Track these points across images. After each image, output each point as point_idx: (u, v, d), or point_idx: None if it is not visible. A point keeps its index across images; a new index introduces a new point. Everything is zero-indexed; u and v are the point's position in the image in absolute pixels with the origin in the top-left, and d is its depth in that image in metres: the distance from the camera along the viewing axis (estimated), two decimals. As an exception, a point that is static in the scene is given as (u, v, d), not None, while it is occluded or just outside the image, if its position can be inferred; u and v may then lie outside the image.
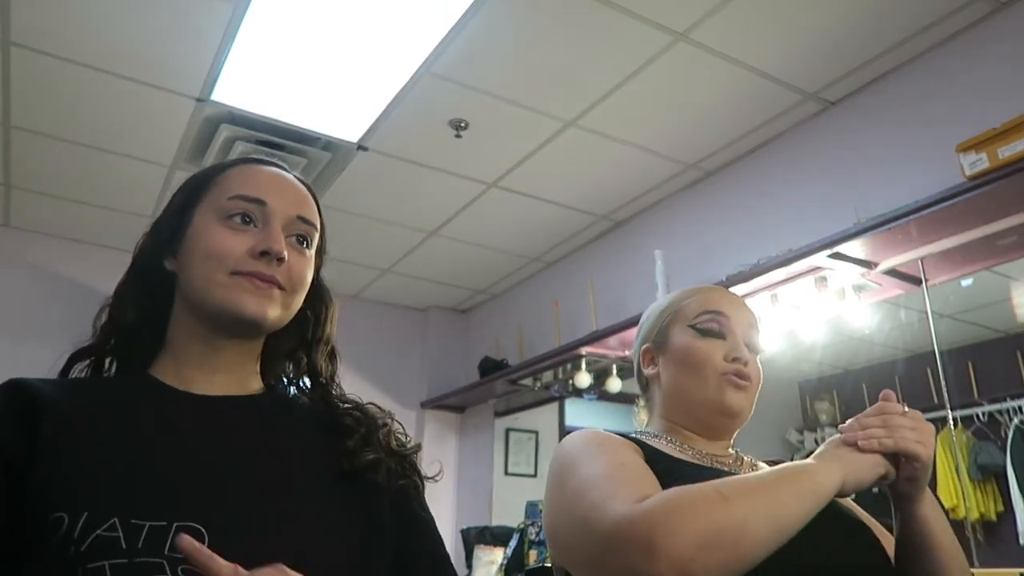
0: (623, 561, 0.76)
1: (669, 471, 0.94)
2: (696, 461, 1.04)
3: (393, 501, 0.84)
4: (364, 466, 0.82)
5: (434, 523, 0.89)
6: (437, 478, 0.93)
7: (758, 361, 1.13)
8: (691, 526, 0.75)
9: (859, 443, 0.88)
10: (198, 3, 2.20)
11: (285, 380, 0.95)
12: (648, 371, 1.16)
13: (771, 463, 1.13)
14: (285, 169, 0.92)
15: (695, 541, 0.74)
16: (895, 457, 0.89)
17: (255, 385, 0.89)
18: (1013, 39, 2.18)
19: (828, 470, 0.85)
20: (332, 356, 0.94)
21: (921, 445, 0.88)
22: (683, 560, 0.73)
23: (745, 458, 1.10)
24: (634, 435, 1.08)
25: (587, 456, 0.93)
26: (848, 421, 0.93)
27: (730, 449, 1.12)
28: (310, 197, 0.91)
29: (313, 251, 0.90)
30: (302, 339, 0.93)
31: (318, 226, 0.90)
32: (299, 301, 0.87)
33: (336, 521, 0.77)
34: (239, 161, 0.91)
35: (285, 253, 0.82)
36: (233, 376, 0.86)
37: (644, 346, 1.18)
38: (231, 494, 0.72)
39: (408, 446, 0.90)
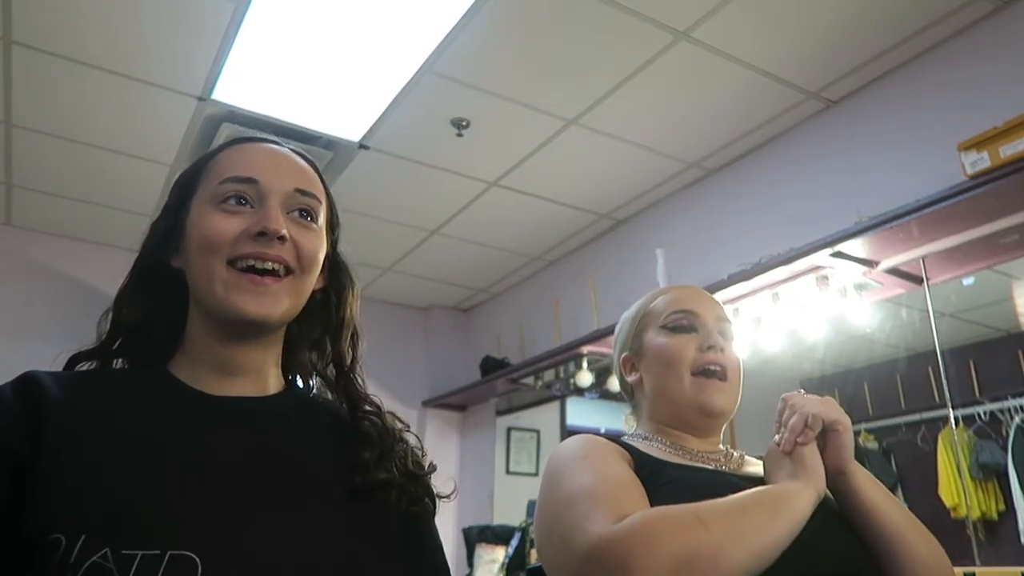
0: None
1: (656, 474, 0.95)
2: (683, 461, 1.04)
3: (404, 526, 0.81)
4: (376, 484, 0.79)
5: (443, 550, 0.87)
6: (451, 497, 0.89)
7: (734, 350, 1.13)
8: (667, 549, 0.75)
9: (798, 441, 0.92)
10: (199, 2, 2.21)
11: (309, 370, 0.91)
12: (630, 378, 1.17)
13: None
14: (278, 143, 0.87)
15: (671, 564, 0.74)
16: (821, 437, 0.94)
17: (275, 385, 0.85)
18: (1015, 37, 2.18)
19: (803, 492, 0.87)
20: (355, 339, 0.91)
21: (830, 409, 0.94)
22: None
23: (735, 454, 1.10)
24: (624, 439, 1.09)
25: (572, 470, 0.93)
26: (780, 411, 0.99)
27: (720, 446, 1.12)
28: (309, 169, 0.86)
29: (322, 225, 0.85)
30: (327, 325, 0.89)
31: (322, 198, 0.85)
32: (311, 282, 0.83)
33: (348, 541, 0.74)
34: (228, 144, 0.87)
35: (284, 231, 0.78)
36: (251, 377, 0.83)
37: (623, 355, 1.19)
38: (235, 510, 0.69)
39: (424, 467, 0.87)
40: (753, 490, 0.88)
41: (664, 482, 0.93)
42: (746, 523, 0.80)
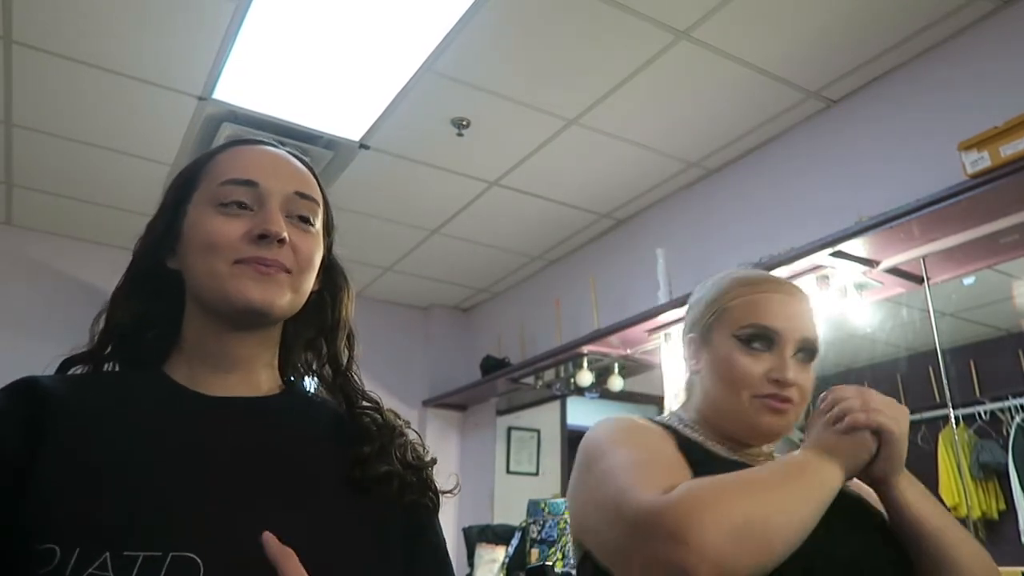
0: (651, 549, 0.76)
1: (703, 462, 0.93)
2: (731, 456, 1.02)
3: (405, 520, 0.81)
4: (376, 478, 0.79)
5: (445, 547, 0.87)
6: (455, 492, 0.88)
7: (811, 370, 1.04)
8: (720, 517, 0.75)
9: (836, 427, 0.90)
10: (199, 2, 2.21)
11: (304, 371, 0.91)
12: (691, 363, 1.11)
13: None
14: (276, 146, 0.87)
15: (727, 532, 0.74)
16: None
17: (272, 383, 0.85)
18: (1015, 37, 2.18)
19: (830, 469, 0.86)
20: (350, 340, 0.91)
21: (895, 422, 0.89)
22: (714, 551, 0.73)
23: (776, 456, 1.07)
24: (667, 421, 1.07)
25: (616, 442, 0.93)
26: (826, 396, 0.94)
27: (764, 448, 1.08)
28: (307, 171, 0.87)
29: (319, 228, 0.85)
30: (322, 326, 0.89)
31: (320, 201, 0.86)
32: (309, 283, 0.83)
33: (347, 540, 0.74)
34: (227, 145, 0.87)
35: (285, 234, 0.78)
36: (248, 375, 0.83)
37: (690, 335, 1.11)
38: (236, 510, 0.69)
39: (425, 459, 0.86)
40: (780, 462, 0.88)
41: (710, 471, 0.88)
42: (787, 494, 0.80)
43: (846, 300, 2.45)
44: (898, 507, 0.92)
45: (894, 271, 2.34)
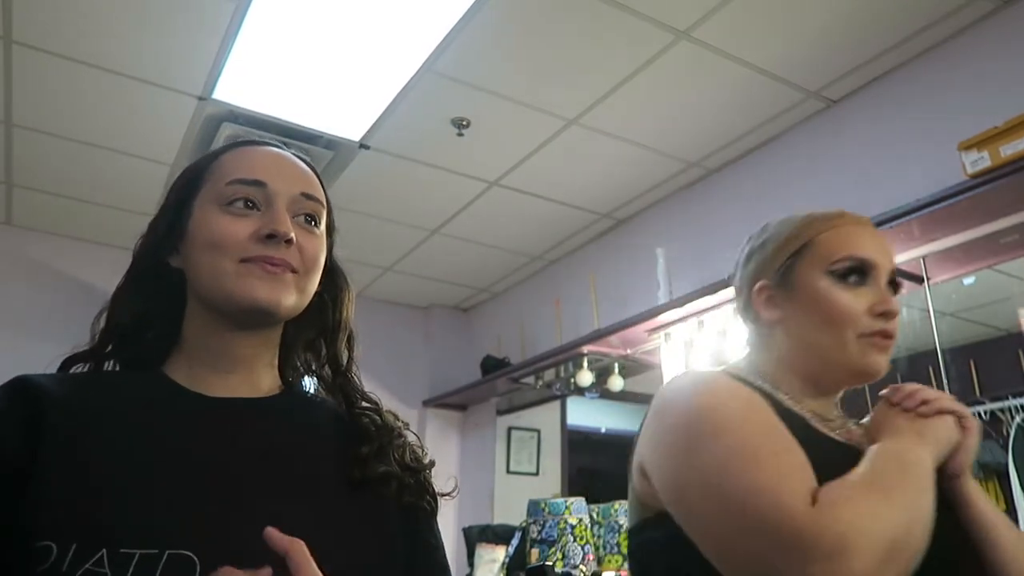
0: (804, 568, 0.70)
1: (804, 441, 0.84)
2: (817, 426, 0.94)
3: (404, 522, 0.81)
4: (375, 478, 0.79)
5: (443, 550, 0.87)
6: (453, 495, 0.88)
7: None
8: (877, 537, 0.70)
9: (922, 409, 0.88)
10: (199, 2, 2.21)
11: (304, 371, 0.91)
12: (768, 314, 1.00)
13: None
14: (281, 147, 0.88)
15: (884, 552, 0.70)
16: None
17: (272, 384, 0.85)
18: (1016, 37, 2.18)
19: (927, 456, 0.82)
20: (350, 342, 0.91)
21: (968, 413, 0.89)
22: (871, 572, 0.69)
23: (849, 424, 1.00)
24: (753, 382, 0.96)
25: (733, 419, 0.82)
26: (893, 391, 0.93)
27: (835, 413, 1.01)
28: (312, 174, 0.87)
29: (323, 229, 0.86)
30: (322, 327, 0.90)
31: (324, 203, 0.86)
32: (314, 284, 0.83)
33: (347, 539, 0.74)
34: (232, 145, 0.87)
35: (292, 234, 0.78)
36: (248, 375, 0.83)
37: (760, 283, 1.01)
38: (234, 509, 0.70)
39: (423, 461, 0.87)
40: (878, 455, 0.82)
41: (812, 455, 0.82)
42: (917, 496, 0.77)
43: (846, 300, 2.45)
44: (965, 503, 0.90)
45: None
